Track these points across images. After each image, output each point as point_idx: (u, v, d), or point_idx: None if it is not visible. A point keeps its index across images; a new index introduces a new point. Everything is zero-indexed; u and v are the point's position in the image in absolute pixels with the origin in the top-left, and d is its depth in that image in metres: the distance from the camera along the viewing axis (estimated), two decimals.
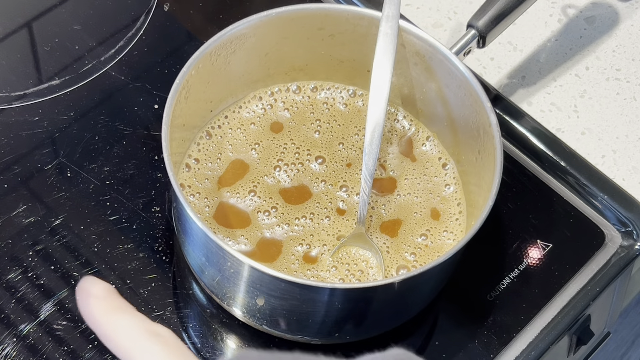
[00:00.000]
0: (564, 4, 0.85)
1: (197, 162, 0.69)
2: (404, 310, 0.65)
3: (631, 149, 0.77)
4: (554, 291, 0.69)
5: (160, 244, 0.69)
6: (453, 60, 0.67)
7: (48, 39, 0.79)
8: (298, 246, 0.66)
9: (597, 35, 0.83)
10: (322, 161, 0.70)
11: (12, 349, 0.64)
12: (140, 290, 0.67)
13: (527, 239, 0.71)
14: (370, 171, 0.65)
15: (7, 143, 0.73)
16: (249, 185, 0.68)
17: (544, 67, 0.81)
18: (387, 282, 0.60)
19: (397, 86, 0.72)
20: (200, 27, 0.81)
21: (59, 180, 0.71)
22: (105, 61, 0.78)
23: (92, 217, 0.70)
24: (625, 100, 0.80)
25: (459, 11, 0.84)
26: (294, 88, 0.74)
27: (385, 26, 0.67)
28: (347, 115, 0.73)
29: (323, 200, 0.68)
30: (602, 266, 0.71)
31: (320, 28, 0.70)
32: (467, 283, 0.69)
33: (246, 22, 0.67)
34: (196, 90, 0.66)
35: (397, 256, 0.66)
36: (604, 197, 0.74)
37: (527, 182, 0.74)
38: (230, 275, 0.60)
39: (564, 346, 0.70)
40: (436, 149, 0.72)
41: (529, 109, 0.78)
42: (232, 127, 0.71)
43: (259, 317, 0.63)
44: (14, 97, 0.75)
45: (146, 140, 0.74)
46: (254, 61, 0.70)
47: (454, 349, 0.67)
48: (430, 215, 0.69)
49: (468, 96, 0.67)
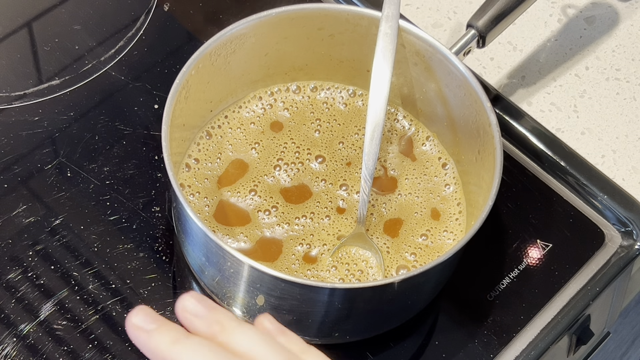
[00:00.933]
0: (564, 4, 0.85)
1: (197, 162, 0.69)
2: (404, 310, 0.65)
3: (631, 149, 0.77)
4: (554, 291, 0.69)
5: (160, 244, 0.69)
6: (453, 60, 0.67)
7: (48, 39, 0.79)
8: (298, 246, 0.66)
9: (597, 35, 0.83)
10: (322, 160, 0.70)
11: (12, 349, 0.64)
12: (140, 290, 0.67)
13: (527, 239, 0.71)
14: (370, 171, 0.65)
15: (7, 143, 0.73)
16: (249, 184, 0.68)
17: (544, 67, 0.81)
18: (387, 282, 0.60)
19: (397, 86, 0.72)
20: (200, 27, 0.81)
21: (59, 180, 0.71)
22: (105, 61, 0.78)
23: (92, 217, 0.70)
24: (625, 100, 0.80)
25: (459, 11, 0.84)
26: (294, 88, 0.74)
27: (385, 26, 0.67)
28: (347, 115, 0.73)
29: (323, 200, 0.68)
30: (602, 266, 0.71)
31: (320, 28, 0.70)
32: (467, 283, 0.69)
33: (246, 22, 0.67)
34: (196, 90, 0.66)
35: (397, 256, 0.66)
36: (604, 197, 0.74)
37: (527, 182, 0.74)
38: (230, 275, 0.60)
39: (563, 346, 0.70)
40: (436, 148, 0.72)
41: (528, 109, 0.78)
42: (232, 127, 0.71)
43: None
44: (14, 97, 0.75)
45: (146, 140, 0.74)
46: (254, 61, 0.70)
47: (454, 349, 0.67)
48: (431, 215, 0.69)
49: (468, 96, 0.67)
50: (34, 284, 0.66)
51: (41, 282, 0.66)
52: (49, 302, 0.66)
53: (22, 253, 0.68)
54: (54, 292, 0.66)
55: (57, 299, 0.66)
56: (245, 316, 0.64)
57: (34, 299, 0.66)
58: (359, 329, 0.65)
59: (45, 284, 0.66)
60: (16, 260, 0.67)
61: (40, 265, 0.67)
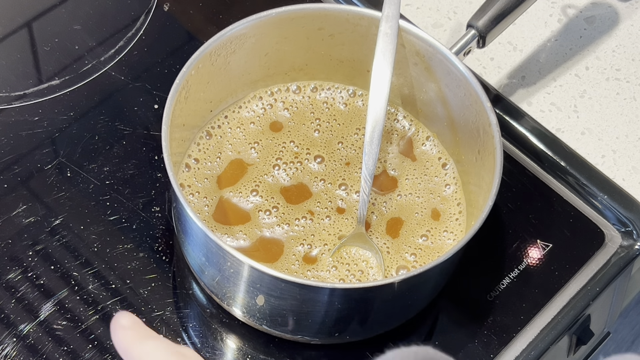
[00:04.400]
0: (564, 4, 0.85)
1: (197, 162, 0.69)
2: (404, 310, 0.65)
3: (631, 149, 0.77)
4: (554, 291, 0.69)
5: (160, 244, 0.69)
6: (453, 60, 0.67)
7: (48, 39, 0.79)
8: (299, 246, 0.66)
9: (597, 35, 0.83)
10: (321, 160, 0.70)
11: (12, 349, 0.64)
12: (140, 290, 0.67)
13: (527, 239, 0.71)
14: (370, 171, 0.65)
15: (7, 143, 0.73)
16: (250, 184, 0.68)
17: (544, 67, 0.81)
18: (387, 282, 0.60)
19: (397, 86, 0.72)
20: (200, 27, 0.81)
21: (59, 180, 0.71)
22: (105, 61, 0.78)
23: (92, 217, 0.70)
24: (625, 100, 0.80)
25: (459, 11, 0.84)
26: (294, 88, 0.74)
27: (385, 26, 0.67)
28: (347, 115, 0.73)
29: (323, 200, 0.68)
30: (602, 266, 0.71)
31: (320, 28, 0.70)
32: (467, 283, 0.69)
33: (246, 22, 0.67)
34: (196, 90, 0.66)
35: (397, 256, 0.66)
36: (604, 197, 0.74)
37: (527, 182, 0.74)
38: (230, 275, 0.60)
39: (564, 346, 0.70)
40: (436, 149, 0.72)
41: (529, 109, 0.78)
42: (232, 127, 0.71)
43: (258, 317, 0.63)
44: (14, 97, 0.75)
45: (146, 140, 0.74)
46: (254, 61, 0.70)
47: (454, 349, 0.67)
48: (431, 215, 0.69)
49: (468, 96, 0.67)
50: (34, 284, 0.66)
51: (41, 282, 0.66)
52: (49, 302, 0.66)
53: (22, 253, 0.68)
54: (54, 292, 0.66)
55: (57, 299, 0.66)
56: (245, 316, 0.64)
57: (34, 299, 0.66)
58: (358, 329, 0.65)
59: (45, 284, 0.66)
60: (16, 260, 0.67)
61: (40, 265, 0.67)
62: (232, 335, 0.66)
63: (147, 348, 0.45)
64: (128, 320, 0.46)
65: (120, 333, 0.46)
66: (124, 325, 0.46)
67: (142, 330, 0.46)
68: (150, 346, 0.45)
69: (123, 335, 0.46)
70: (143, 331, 0.46)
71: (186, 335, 0.66)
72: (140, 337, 0.46)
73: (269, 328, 0.64)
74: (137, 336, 0.46)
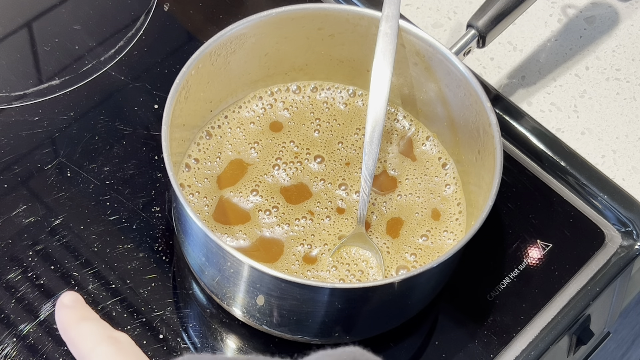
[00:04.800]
0: (564, 4, 0.85)
1: (197, 162, 0.69)
2: (404, 310, 0.65)
3: (631, 149, 0.77)
4: (554, 291, 0.69)
5: (160, 244, 0.69)
6: (453, 60, 0.67)
7: (48, 39, 0.79)
8: (299, 246, 0.66)
9: (597, 35, 0.83)
10: (320, 160, 0.70)
11: (12, 349, 0.64)
12: (140, 290, 0.67)
13: (527, 239, 0.71)
14: (370, 171, 0.65)
15: (7, 143, 0.73)
16: (250, 184, 0.68)
17: (544, 67, 0.81)
18: (387, 282, 0.60)
19: (397, 86, 0.72)
20: (200, 27, 0.81)
21: (59, 180, 0.71)
22: (105, 61, 0.78)
23: (92, 217, 0.70)
24: (625, 100, 0.80)
25: (459, 11, 0.84)
26: (294, 88, 0.74)
27: (385, 26, 0.67)
28: (347, 115, 0.73)
29: (323, 200, 0.68)
30: (602, 266, 0.71)
31: (320, 28, 0.70)
32: (467, 283, 0.69)
33: (246, 22, 0.67)
34: (196, 90, 0.66)
35: (397, 256, 0.66)
36: (604, 197, 0.74)
37: (527, 182, 0.74)
38: (230, 275, 0.60)
39: (564, 346, 0.70)
40: (436, 149, 0.72)
41: (529, 109, 0.78)
42: (232, 127, 0.71)
43: (258, 317, 0.63)
44: (14, 97, 0.75)
45: (146, 140, 0.74)
46: (254, 61, 0.70)
47: (454, 349, 0.67)
48: (431, 215, 0.69)
49: (468, 96, 0.67)
50: (34, 284, 0.66)
51: (41, 282, 0.66)
52: (49, 302, 0.66)
53: (22, 253, 0.68)
54: (54, 292, 0.66)
55: (57, 299, 0.66)
56: (245, 316, 0.64)
57: (34, 299, 0.66)
58: (358, 329, 0.65)
59: (45, 284, 0.66)
60: (16, 260, 0.67)
61: (40, 265, 0.67)
62: (232, 335, 0.66)
63: (82, 330, 0.45)
64: (70, 299, 0.47)
65: (62, 312, 0.46)
66: (66, 304, 0.47)
67: (82, 311, 0.46)
68: (85, 328, 0.45)
69: (64, 314, 0.46)
70: (82, 312, 0.46)
71: (186, 335, 0.66)
72: (78, 318, 0.46)
73: (269, 328, 0.64)
74: (76, 317, 0.46)
